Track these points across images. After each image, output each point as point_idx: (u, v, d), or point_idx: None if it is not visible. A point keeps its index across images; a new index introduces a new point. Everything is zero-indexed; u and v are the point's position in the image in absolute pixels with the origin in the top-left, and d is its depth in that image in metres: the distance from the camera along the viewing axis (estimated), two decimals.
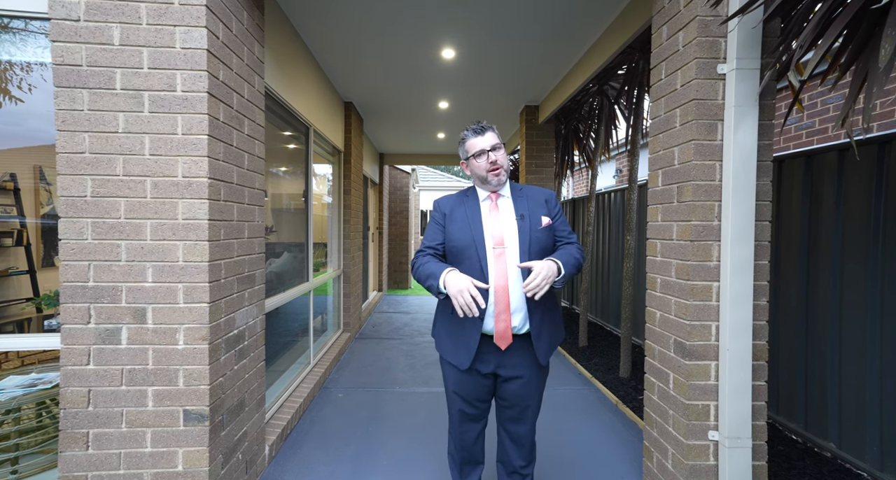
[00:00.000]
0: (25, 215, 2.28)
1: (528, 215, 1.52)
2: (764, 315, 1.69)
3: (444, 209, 1.60)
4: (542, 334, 1.51)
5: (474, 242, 1.49)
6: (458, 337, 1.53)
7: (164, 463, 1.64)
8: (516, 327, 1.48)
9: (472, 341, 1.49)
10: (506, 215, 1.54)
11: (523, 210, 1.53)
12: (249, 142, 2.00)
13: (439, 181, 13.31)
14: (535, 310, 1.49)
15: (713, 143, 1.66)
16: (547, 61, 3.46)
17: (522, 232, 1.49)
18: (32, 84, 1.90)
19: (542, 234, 1.51)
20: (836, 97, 3.47)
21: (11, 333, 2.23)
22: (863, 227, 2.13)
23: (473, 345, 1.49)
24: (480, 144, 1.53)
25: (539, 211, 1.54)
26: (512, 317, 1.47)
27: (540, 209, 1.55)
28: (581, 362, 3.85)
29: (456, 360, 1.54)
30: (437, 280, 1.40)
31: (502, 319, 1.46)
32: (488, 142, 1.52)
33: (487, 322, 1.48)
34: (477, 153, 1.53)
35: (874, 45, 1.32)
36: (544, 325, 1.52)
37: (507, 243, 1.49)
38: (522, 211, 1.53)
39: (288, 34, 2.82)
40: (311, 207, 3.59)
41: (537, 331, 1.50)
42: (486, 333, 1.50)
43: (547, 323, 1.53)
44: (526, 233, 1.49)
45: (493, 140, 1.53)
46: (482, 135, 1.54)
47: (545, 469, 2.19)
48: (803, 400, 2.43)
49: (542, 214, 1.54)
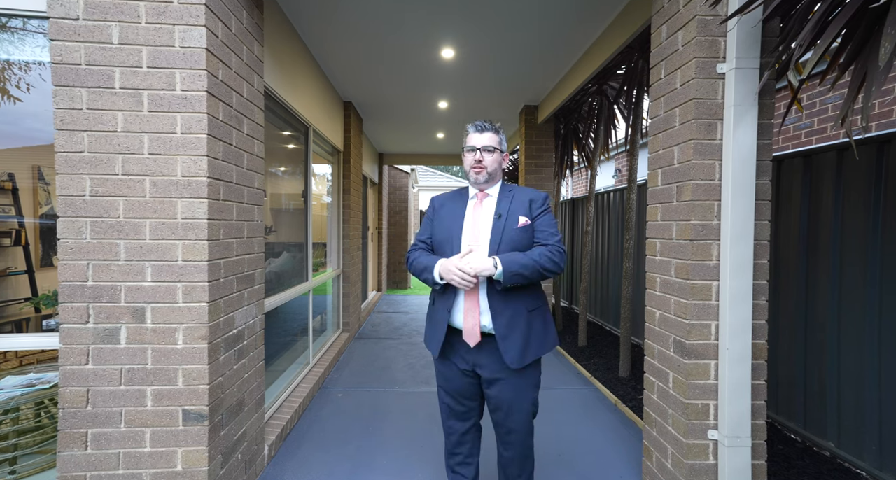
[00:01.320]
0: (24, 215, 2.27)
1: (506, 215, 1.54)
2: (763, 314, 1.69)
3: (436, 204, 1.70)
4: (510, 336, 1.48)
5: (451, 238, 1.56)
6: (433, 326, 1.62)
7: (164, 463, 1.64)
8: (486, 326, 1.50)
9: (440, 332, 1.57)
10: (486, 214, 1.57)
11: (503, 210, 1.55)
12: (249, 142, 2.00)
13: (438, 181, 13.30)
14: (503, 310, 1.48)
15: (712, 143, 1.66)
16: (546, 61, 3.46)
17: (495, 230, 1.52)
18: (31, 84, 1.90)
19: (517, 234, 1.51)
20: (835, 97, 3.48)
21: (10, 333, 2.23)
22: (862, 227, 2.14)
23: (441, 336, 1.56)
24: (473, 141, 1.57)
25: (519, 211, 1.55)
26: (482, 316, 1.50)
27: (521, 209, 1.55)
28: (580, 361, 3.85)
29: (430, 347, 1.63)
30: (431, 273, 1.51)
31: (470, 316, 1.50)
32: (482, 141, 1.56)
33: (456, 316, 1.54)
34: (469, 148, 1.58)
35: (873, 44, 1.32)
36: (516, 327, 1.48)
37: (481, 241, 1.52)
38: (502, 210, 1.55)
39: (287, 34, 2.82)
40: (311, 207, 3.59)
41: (504, 332, 1.47)
42: (455, 327, 1.55)
43: (520, 325, 1.49)
44: (498, 233, 1.51)
45: (488, 141, 1.56)
46: (480, 133, 1.57)
47: (544, 469, 2.19)
48: (802, 399, 2.43)
49: (522, 214, 1.54)
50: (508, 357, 1.47)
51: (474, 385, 1.61)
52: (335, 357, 3.91)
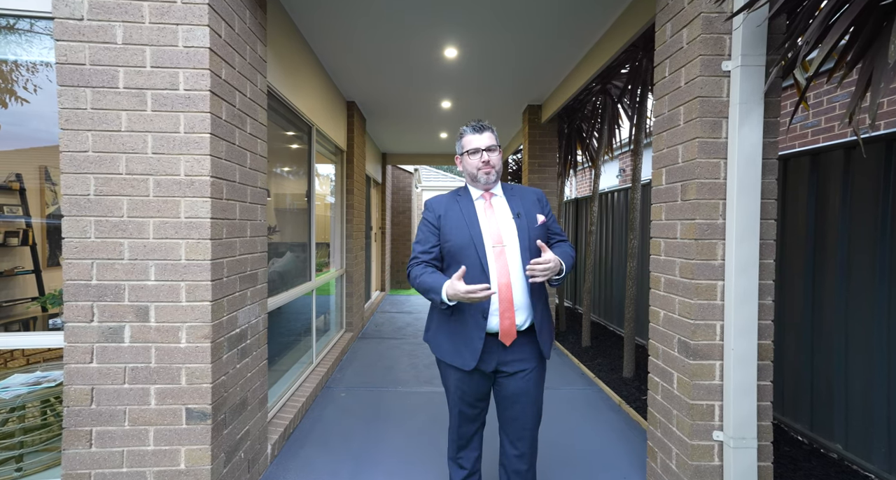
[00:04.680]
0: (31, 215, 2.29)
1: (525, 213, 1.55)
2: (769, 314, 1.68)
3: (437, 210, 1.58)
4: (543, 328, 1.55)
5: (473, 241, 1.49)
6: (460, 338, 1.50)
7: (167, 461, 1.65)
8: (519, 323, 1.49)
9: (476, 341, 1.47)
10: (501, 214, 1.56)
11: (518, 209, 1.56)
12: (252, 141, 2.00)
13: (442, 181, 13.31)
14: (535, 305, 1.51)
15: (717, 141, 1.65)
16: (550, 60, 3.45)
17: (521, 230, 1.51)
18: (38, 85, 1.91)
19: (539, 232, 1.54)
20: (842, 95, 3.44)
21: (17, 332, 2.25)
22: (870, 226, 2.11)
23: (478, 345, 1.46)
24: (476, 142, 1.55)
25: (533, 209, 1.57)
26: (516, 314, 1.48)
27: (534, 208, 1.58)
28: (584, 362, 3.83)
29: (459, 362, 1.51)
30: (438, 294, 1.41)
31: (507, 316, 1.47)
32: (484, 141, 1.54)
33: (492, 320, 1.47)
34: (472, 150, 1.55)
35: (882, 41, 1.30)
36: (546, 319, 1.57)
37: (507, 241, 1.50)
38: (518, 209, 1.56)
39: (290, 33, 2.82)
40: (314, 207, 3.60)
41: (541, 325, 1.53)
42: (489, 332, 1.49)
43: (547, 317, 1.58)
44: (525, 231, 1.51)
45: (490, 141, 1.55)
46: (480, 134, 1.56)
47: (548, 470, 2.17)
48: (809, 400, 2.41)
49: (537, 212, 1.57)
50: (545, 348, 1.54)
51: (488, 384, 1.60)
52: (338, 356, 3.92)
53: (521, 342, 1.52)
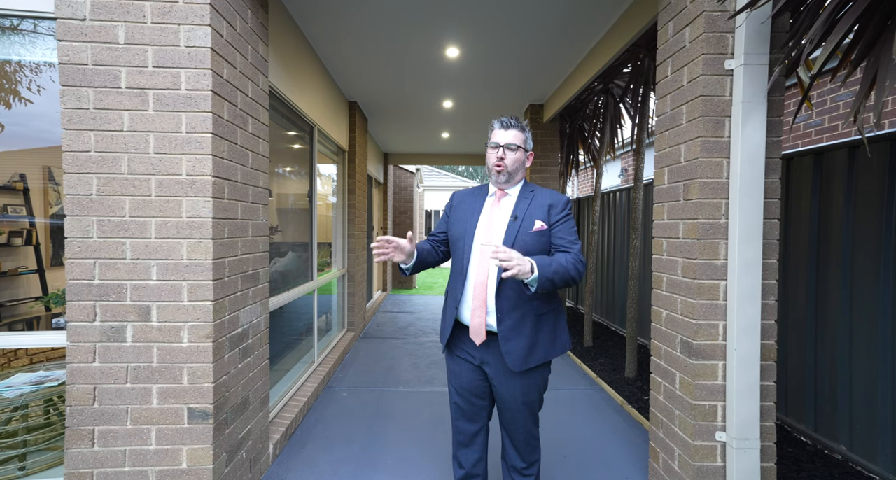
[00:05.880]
0: (35, 215, 2.30)
1: (522, 217, 1.50)
2: (772, 314, 1.67)
3: (454, 201, 1.69)
4: (513, 339, 1.45)
5: (465, 236, 1.55)
6: (444, 319, 1.64)
7: (169, 461, 1.65)
8: (492, 326, 1.49)
9: (447, 325, 1.59)
10: (503, 214, 1.54)
11: (520, 211, 1.51)
12: (253, 141, 2.01)
13: (444, 181, 13.30)
14: (510, 313, 1.45)
15: (720, 140, 1.64)
16: (551, 60, 3.44)
17: (509, 232, 1.49)
18: (42, 86, 1.92)
19: (531, 238, 1.47)
20: (846, 94, 3.42)
21: (21, 331, 2.26)
22: (874, 226, 2.09)
23: (449, 328, 1.58)
24: (497, 137, 1.54)
25: (536, 214, 1.50)
26: (488, 316, 1.48)
27: (538, 213, 1.50)
28: (586, 362, 3.83)
29: (441, 337, 1.65)
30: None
31: (478, 315, 1.48)
32: (506, 138, 1.52)
33: (464, 313, 1.53)
34: (492, 144, 1.55)
35: (886, 39, 1.29)
36: (522, 330, 1.46)
37: (496, 242, 1.49)
38: (519, 212, 1.51)
39: (292, 33, 2.83)
40: (316, 207, 3.60)
41: (507, 334, 1.45)
42: (462, 322, 1.55)
43: (527, 329, 1.46)
44: (512, 234, 1.48)
45: (512, 139, 1.52)
46: (505, 130, 1.54)
47: (550, 470, 2.17)
48: (813, 401, 2.39)
49: (539, 219, 1.49)
50: (510, 359, 1.45)
51: (483, 381, 1.59)
52: (340, 356, 3.92)
53: (497, 345, 1.49)
